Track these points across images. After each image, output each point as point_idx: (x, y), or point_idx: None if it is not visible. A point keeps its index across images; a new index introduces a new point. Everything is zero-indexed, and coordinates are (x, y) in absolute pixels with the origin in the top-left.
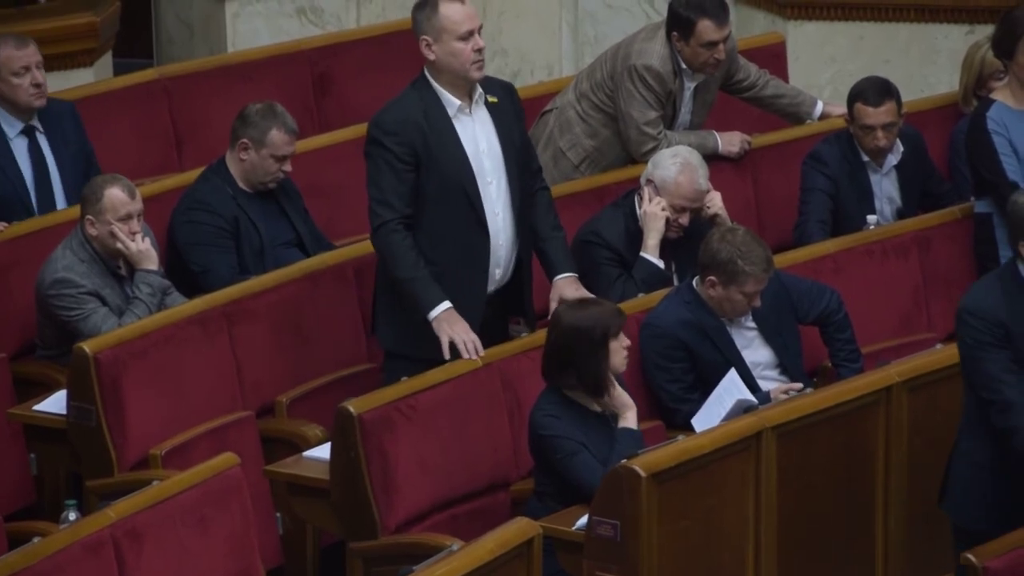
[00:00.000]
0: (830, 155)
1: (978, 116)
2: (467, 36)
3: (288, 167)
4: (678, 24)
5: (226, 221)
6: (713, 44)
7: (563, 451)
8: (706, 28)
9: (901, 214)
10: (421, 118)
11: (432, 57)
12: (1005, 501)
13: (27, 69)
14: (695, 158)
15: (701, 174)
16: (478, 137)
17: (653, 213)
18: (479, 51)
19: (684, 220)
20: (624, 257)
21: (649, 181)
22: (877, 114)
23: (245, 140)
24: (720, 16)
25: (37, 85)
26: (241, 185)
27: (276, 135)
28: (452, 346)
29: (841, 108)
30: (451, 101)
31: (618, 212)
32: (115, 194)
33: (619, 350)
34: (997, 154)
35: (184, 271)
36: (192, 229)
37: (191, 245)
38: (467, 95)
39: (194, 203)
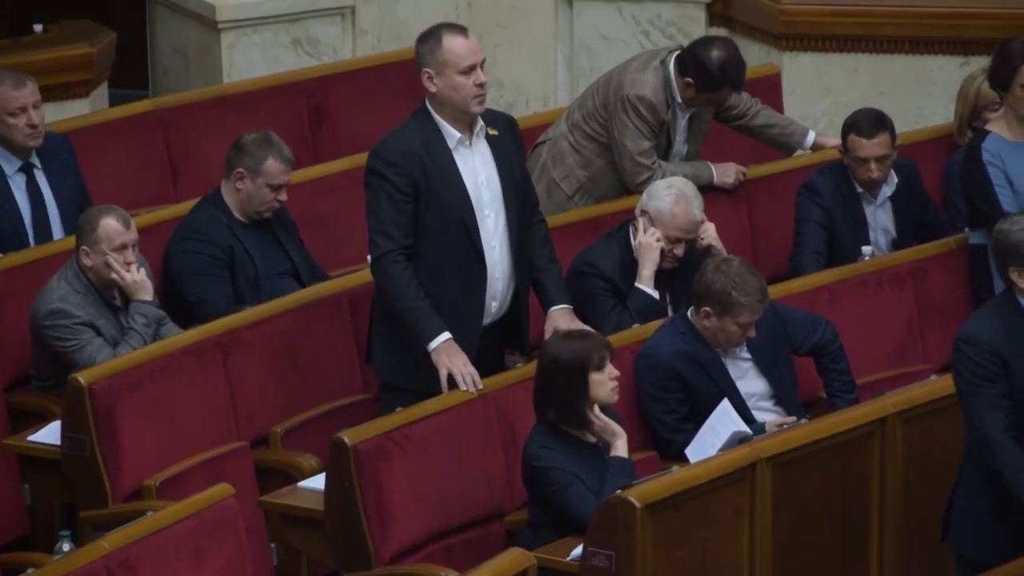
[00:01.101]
0: (824, 186)
1: (973, 147)
2: (469, 70)
3: (284, 196)
4: (701, 77)
5: (222, 251)
6: (723, 102)
7: (557, 483)
8: (726, 94)
9: (896, 245)
10: (421, 149)
11: (434, 90)
12: (1006, 530)
13: (23, 110)
14: (690, 189)
15: (696, 205)
16: (477, 170)
17: (648, 244)
18: (481, 85)
19: (679, 251)
20: (619, 288)
21: (644, 212)
22: (871, 146)
23: (241, 169)
24: (741, 85)
25: (33, 126)
26: (237, 215)
27: (272, 164)
28: (450, 379)
29: (835, 139)
30: (451, 133)
31: (613, 243)
32: (110, 224)
33: (604, 382)
34: (992, 185)
35: (179, 301)
36: (187, 259)
37: (186, 275)
38: (468, 128)
39: (190, 232)
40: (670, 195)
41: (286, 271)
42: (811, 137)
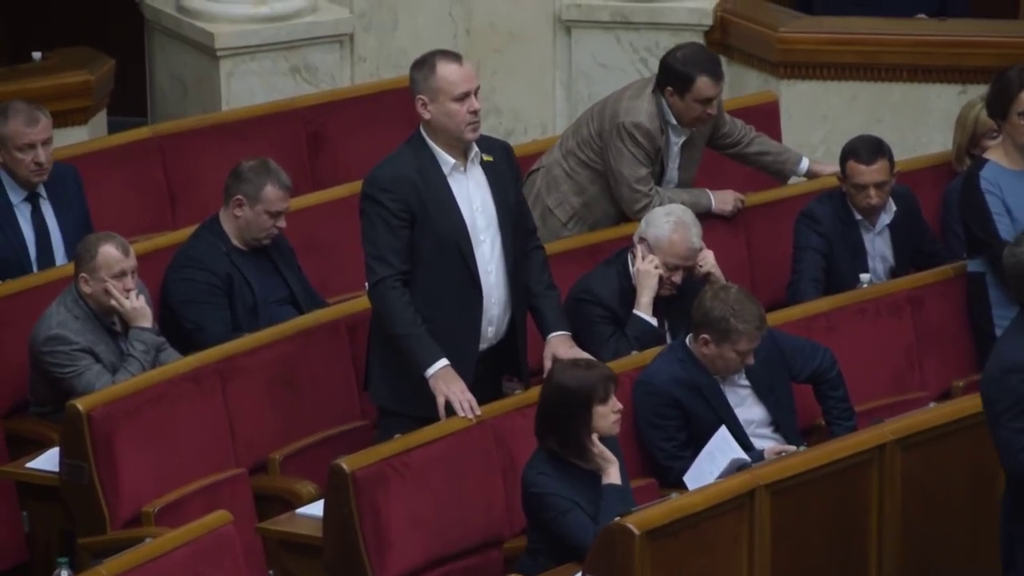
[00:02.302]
0: (823, 213)
1: (971, 175)
2: (463, 97)
3: (282, 223)
4: (675, 79)
5: (219, 278)
6: (709, 100)
7: (555, 509)
8: (704, 85)
9: (894, 273)
10: (416, 175)
11: (428, 116)
12: None
13: (31, 146)
14: (688, 216)
15: (694, 232)
16: (472, 195)
17: (646, 271)
18: (475, 113)
19: (677, 278)
20: (617, 315)
21: (642, 239)
22: (870, 172)
23: (239, 196)
24: (717, 72)
25: (39, 163)
26: (235, 242)
27: (270, 191)
28: (448, 405)
29: (829, 167)
30: (446, 159)
31: (611, 270)
32: (109, 251)
33: (607, 415)
34: (990, 213)
35: (178, 328)
36: (186, 287)
37: (184, 303)
38: (462, 154)
39: (188, 260)
40: (668, 223)
41: (284, 299)
42: (805, 164)
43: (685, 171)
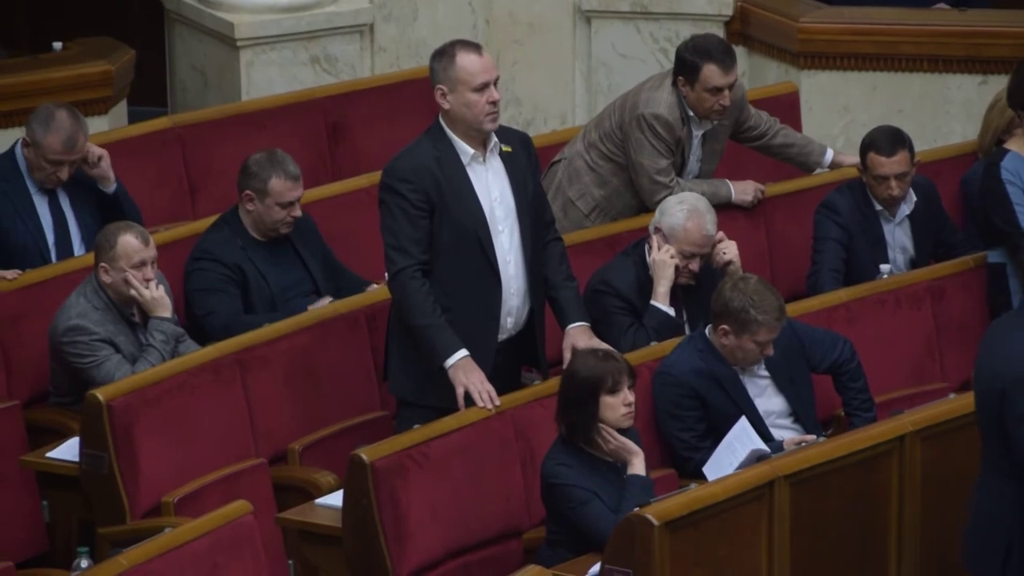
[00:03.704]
0: (843, 204)
1: (992, 166)
2: (482, 88)
3: (297, 212)
4: (684, 68)
5: (230, 269)
6: (718, 90)
7: (575, 500)
8: (711, 73)
9: (914, 263)
10: (435, 166)
11: (447, 106)
12: None
13: (60, 164)
14: (702, 204)
15: (708, 220)
16: (491, 186)
17: (662, 261)
18: (494, 103)
19: (694, 266)
20: (635, 306)
21: (657, 229)
22: (890, 164)
23: (248, 192)
24: (726, 61)
25: (59, 178)
26: (253, 234)
27: (276, 183)
28: (467, 396)
29: (852, 157)
30: (465, 149)
31: (628, 261)
32: (129, 241)
33: (616, 407)
34: (1011, 204)
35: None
36: (199, 276)
37: (195, 291)
38: (481, 144)
39: (201, 252)
40: (682, 211)
41: (307, 291)
42: (829, 155)
43: (706, 164)
